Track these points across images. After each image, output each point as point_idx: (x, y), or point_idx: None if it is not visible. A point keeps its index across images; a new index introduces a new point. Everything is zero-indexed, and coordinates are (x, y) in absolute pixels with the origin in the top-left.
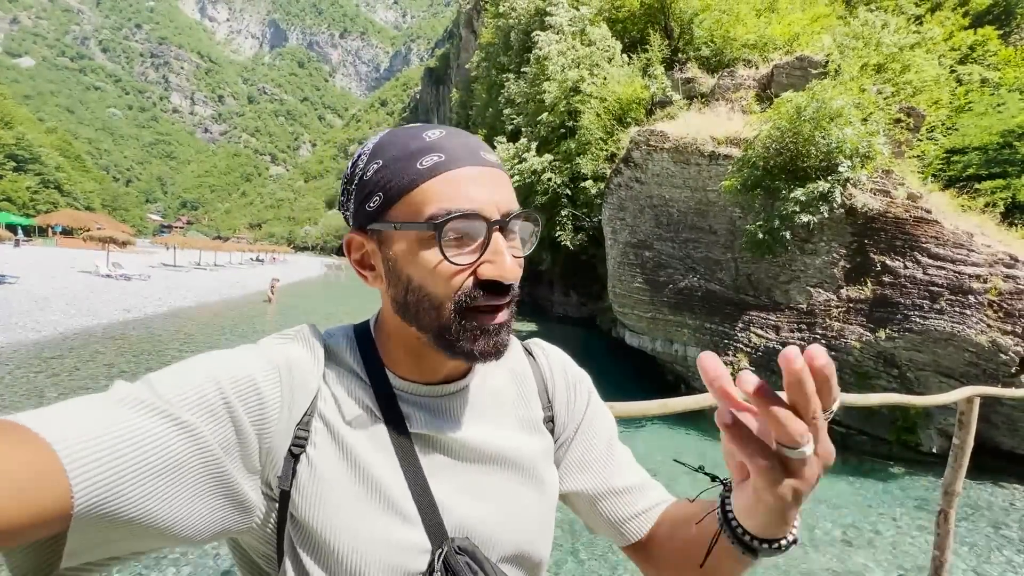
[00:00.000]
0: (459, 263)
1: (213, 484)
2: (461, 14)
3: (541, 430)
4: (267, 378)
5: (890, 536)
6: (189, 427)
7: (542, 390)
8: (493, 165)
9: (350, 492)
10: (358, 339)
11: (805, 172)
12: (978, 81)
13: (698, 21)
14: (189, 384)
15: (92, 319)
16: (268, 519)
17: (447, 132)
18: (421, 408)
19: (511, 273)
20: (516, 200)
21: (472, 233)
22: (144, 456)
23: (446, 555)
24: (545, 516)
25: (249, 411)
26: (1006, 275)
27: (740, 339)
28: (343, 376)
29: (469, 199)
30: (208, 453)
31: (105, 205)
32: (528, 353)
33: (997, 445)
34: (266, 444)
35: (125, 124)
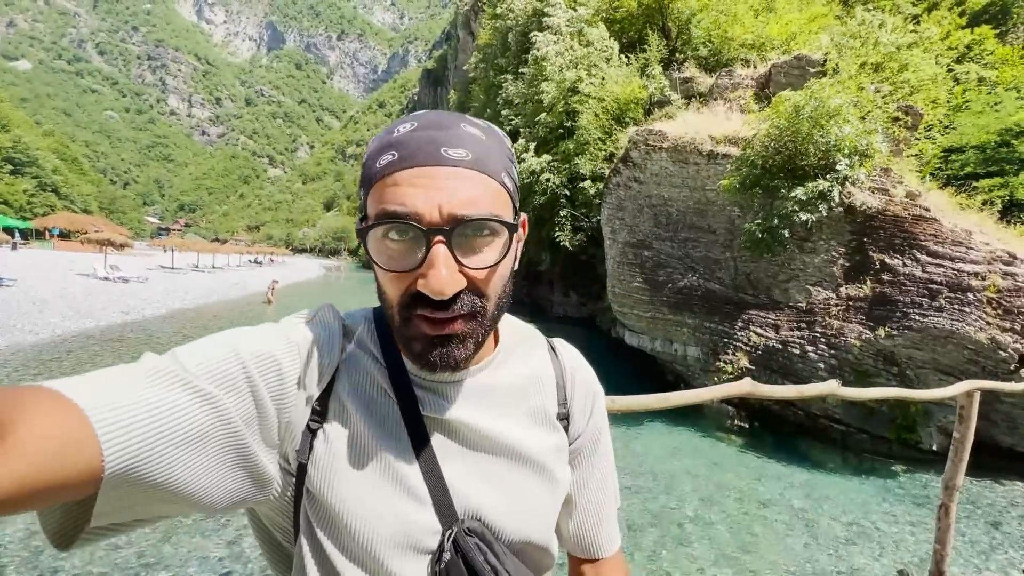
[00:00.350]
0: (396, 271)
1: (234, 455)
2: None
3: (556, 426)
4: (287, 355)
5: (891, 533)
6: (212, 399)
7: (560, 387)
8: (458, 163)
9: (363, 469)
10: (376, 322)
11: (804, 171)
12: (975, 80)
13: (696, 21)
14: (213, 358)
15: (90, 321)
16: (285, 492)
17: (418, 125)
18: (434, 393)
19: (439, 288)
20: (488, 201)
21: (414, 240)
22: (170, 425)
23: (456, 535)
24: (552, 510)
25: (269, 386)
26: (1004, 272)
27: (740, 338)
28: (360, 356)
29: (403, 202)
30: (230, 425)
31: (102, 208)
32: (552, 350)
33: (997, 443)
34: (285, 418)
35: (122, 127)
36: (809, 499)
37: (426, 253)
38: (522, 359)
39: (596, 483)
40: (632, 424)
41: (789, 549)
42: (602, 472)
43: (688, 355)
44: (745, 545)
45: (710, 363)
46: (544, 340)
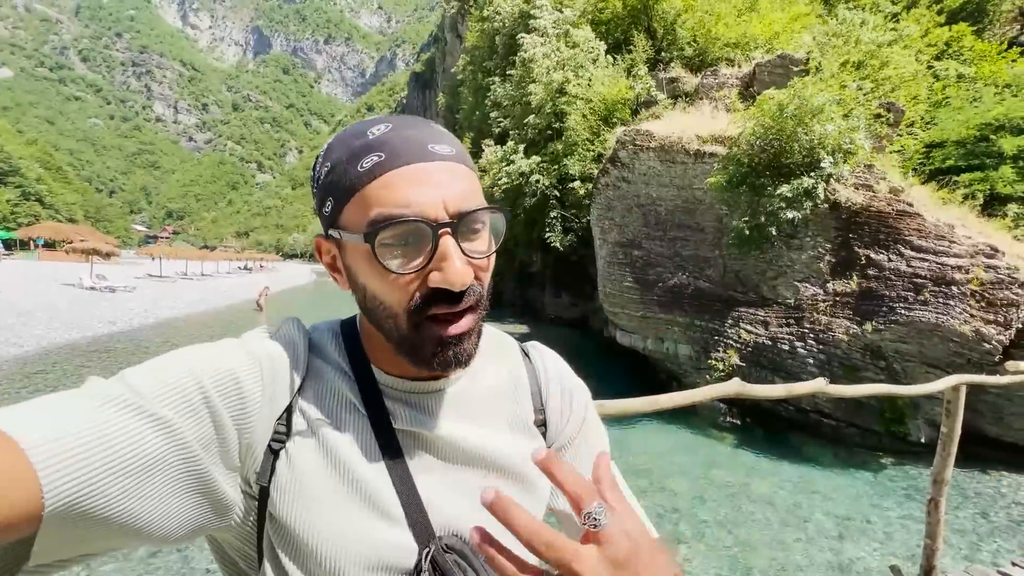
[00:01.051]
0: (404, 272)
1: (191, 481)
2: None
3: (534, 432)
4: (248, 372)
5: (882, 526)
6: (166, 423)
7: (535, 392)
8: (445, 158)
9: (331, 489)
10: (344, 334)
11: (789, 168)
12: (955, 76)
13: (681, 22)
14: (167, 379)
15: (76, 332)
16: (248, 517)
17: (393, 125)
18: (407, 404)
19: (459, 279)
20: (476, 193)
21: (417, 239)
22: (118, 454)
23: (434, 554)
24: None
25: (229, 406)
26: (987, 265)
27: (730, 335)
28: (327, 370)
29: (407, 203)
30: (186, 450)
31: (88, 217)
32: (525, 355)
33: (983, 433)
34: (246, 439)
35: (107, 134)
36: (802, 494)
37: (434, 249)
38: (497, 366)
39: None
40: (625, 424)
41: (783, 545)
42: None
43: (680, 353)
44: (740, 542)
45: (701, 361)
46: (517, 346)
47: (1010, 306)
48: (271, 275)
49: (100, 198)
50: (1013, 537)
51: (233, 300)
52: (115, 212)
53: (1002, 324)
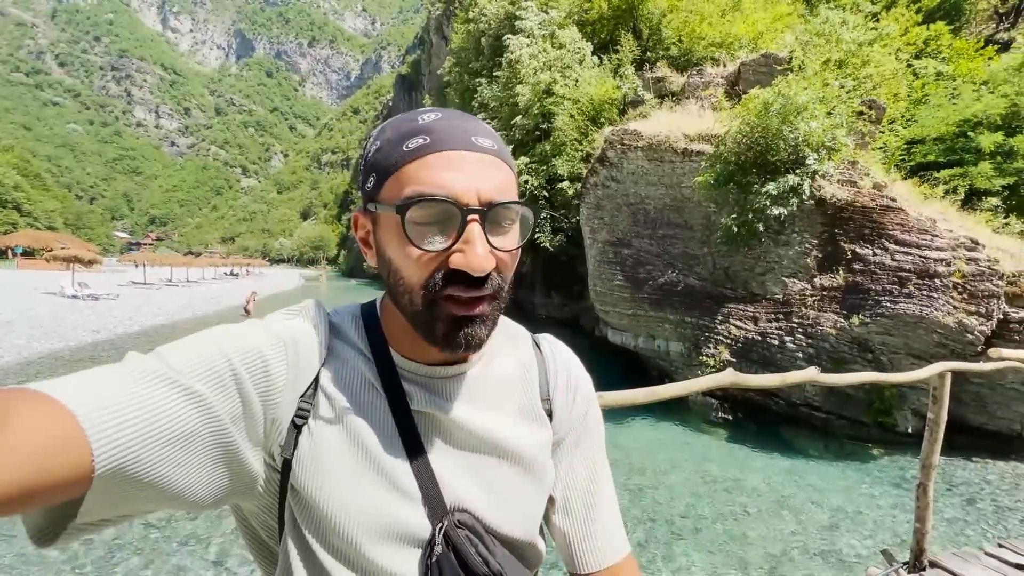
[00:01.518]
0: (427, 250)
1: (220, 453)
2: (430, 20)
3: (542, 419)
4: (273, 351)
5: (872, 515)
6: (200, 397)
7: (543, 382)
8: (486, 150)
9: (350, 464)
10: (364, 317)
11: (775, 166)
12: (933, 74)
13: (666, 22)
14: (200, 355)
15: (58, 342)
16: (270, 489)
17: (443, 115)
18: (423, 387)
19: (479, 264)
20: (511, 188)
21: (446, 219)
22: (158, 424)
23: (447, 528)
24: (538, 505)
25: (256, 383)
26: (968, 258)
27: (720, 331)
28: (347, 352)
29: (442, 184)
30: (216, 423)
31: (68, 224)
32: (536, 346)
33: (968, 422)
34: (271, 415)
35: (87, 140)
36: (794, 486)
37: (460, 232)
38: (510, 354)
39: (582, 475)
40: (619, 421)
41: (776, 536)
42: (590, 464)
43: (671, 350)
44: (733, 535)
45: (693, 357)
46: (529, 335)
47: (991, 297)
48: (258, 280)
49: (80, 205)
50: (999, 523)
51: (220, 306)
52: (96, 219)
53: (984, 315)
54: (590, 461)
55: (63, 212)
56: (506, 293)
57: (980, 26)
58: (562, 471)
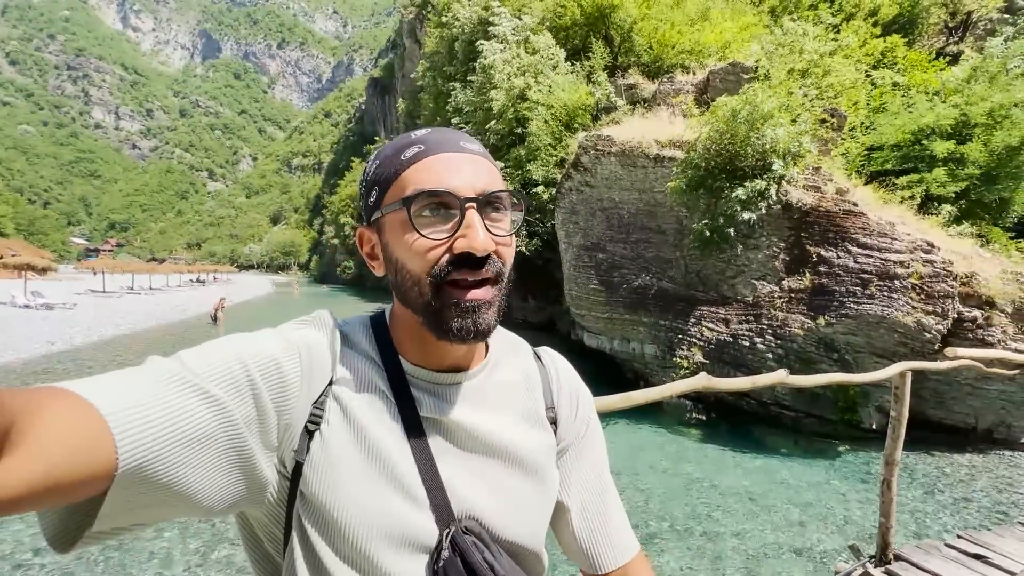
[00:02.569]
0: (432, 238)
1: (235, 457)
2: (403, 24)
3: (546, 426)
4: (288, 358)
5: (841, 510)
6: (218, 402)
7: (547, 391)
8: (474, 152)
9: (360, 469)
10: (373, 326)
11: (743, 171)
12: (890, 84)
13: (637, 29)
14: (218, 361)
15: (10, 354)
16: (279, 496)
17: (432, 129)
18: (431, 394)
19: (483, 245)
20: (499, 182)
21: (446, 210)
22: (179, 426)
23: (454, 534)
24: (544, 511)
25: (271, 389)
26: (925, 260)
27: (693, 334)
28: (358, 359)
29: (442, 180)
30: (232, 427)
31: (20, 230)
32: (537, 357)
33: (927, 417)
34: (284, 421)
35: (40, 142)
36: (765, 484)
37: (460, 219)
38: (512, 364)
39: (592, 480)
40: None
41: (750, 533)
42: (597, 469)
43: (646, 353)
44: (708, 532)
45: (667, 359)
46: (529, 347)
47: (946, 297)
48: (227, 287)
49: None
50: (957, 513)
51: (186, 314)
52: (51, 224)
53: (940, 315)
54: (598, 467)
55: (14, 217)
56: (507, 279)
57: (932, 39)
58: (574, 477)
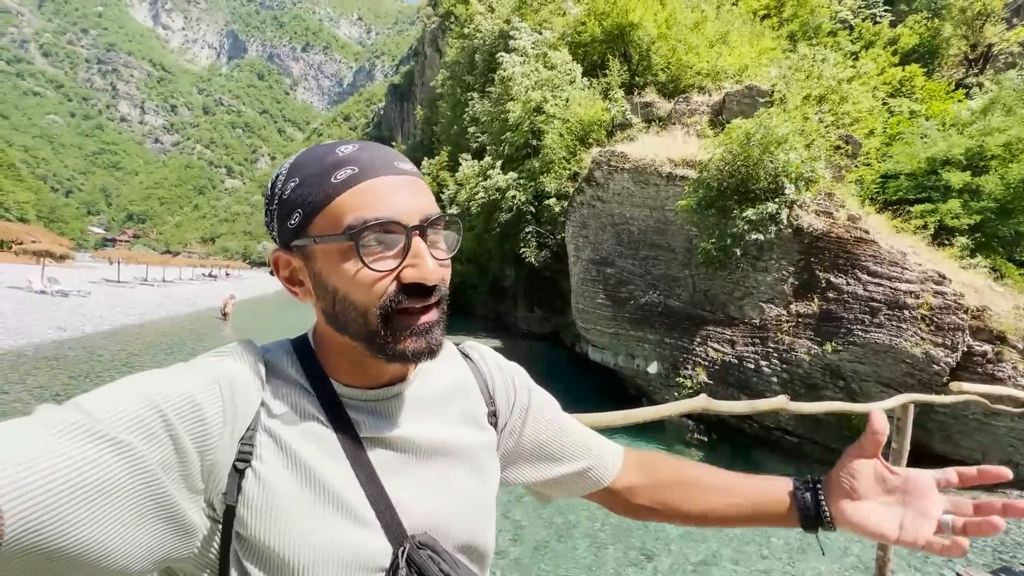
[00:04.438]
0: (380, 269)
1: (153, 506)
2: (426, 33)
3: (484, 426)
4: (206, 394)
5: (839, 541)
6: (125, 447)
7: (483, 387)
8: (409, 173)
9: (302, 502)
10: (297, 351)
11: (755, 194)
12: (907, 112)
13: (655, 49)
14: (123, 404)
15: (22, 338)
16: (210, 542)
17: (360, 146)
18: (368, 412)
19: (433, 275)
20: (435, 206)
21: (391, 240)
22: (78, 480)
23: (409, 551)
24: (489, 506)
25: (189, 429)
26: (936, 291)
27: (698, 353)
28: (286, 387)
29: (385, 207)
30: (147, 473)
31: (41, 217)
32: (465, 356)
33: (933, 451)
34: (208, 461)
35: (66, 132)
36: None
37: (406, 248)
38: (442, 368)
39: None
40: None
41: (746, 561)
42: (552, 417)
43: (649, 370)
44: (704, 559)
45: (671, 378)
46: (455, 348)
47: (956, 330)
48: (237, 283)
49: (55, 198)
50: None
51: (195, 308)
52: (71, 213)
53: (949, 347)
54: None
55: (36, 204)
56: (446, 300)
57: (951, 70)
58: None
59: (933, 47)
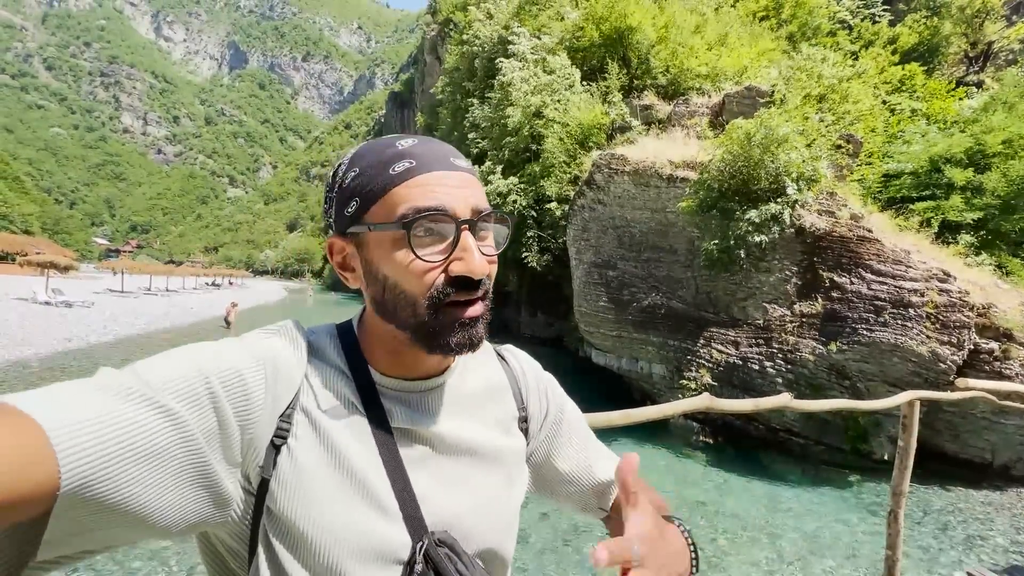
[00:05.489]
0: (430, 260)
1: (194, 474)
2: (425, 40)
3: (515, 431)
4: (252, 370)
5: (849, 542)
6: (174, 415)
7: (516, 392)
8: (463, 170)
9: (330, 483)
10: (341, 336)
11: (757, 194)
12: (908, 111)
13: (654, 52)
14: (176, 372)
15: (27, 349)
16: (244, 514)
17: (419, 140)
18: (401, 403)
19: (480, 269)
20: (486, 201)
21: (442, 232)
22: (129, 442)
23: (427, 547)
24: (513, 514)
25: (233, 402)
26: (940, 289)
27: (702, 355)
28: (326, 370)
29: (437, 200)
30: (191, 442)
31: (46, 228)
32: (500, 358)
33: (942, 450)
34: (248, 435)
35: (70, 144)
36: (771, 512)
37: (455, 241)
38: (479, 367)
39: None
40: (600, 439)
41: (754, 563)
42: (581, 436)
43: (653, 373)
44: (712, 561)
45: (675, 380)
46: (492, 349)
47: (962, 328)
48: (241, 291)
49: (59, 209)
50: (970, 550)
51: (199, 317)
52: (75, 224)
53: (955, 345)
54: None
55: (41, 216)
56: (490, 296)
57: (952, 68)
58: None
59: (933, 45)
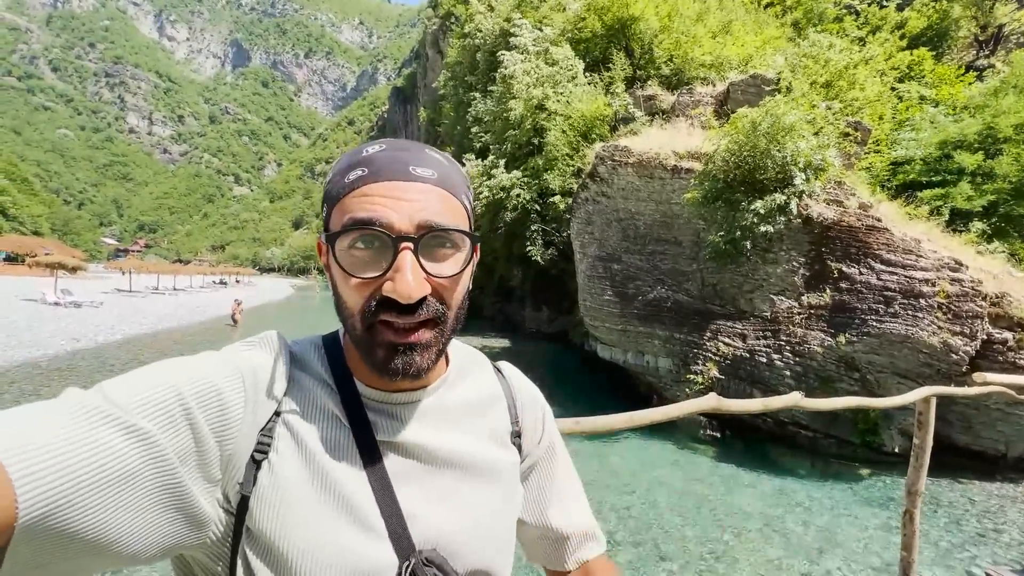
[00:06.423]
0: (361, 276)
1: (167, 496)
2: (427, 35)
3: (508, 445)
4: (230, 384)
5: (859, 537)
6: (144, 435)
7: (510, 405)
8: (424, 180)
9: (312, 500)
10: (326, 347)
11: (763, 184)
12: (917, 97)
13: (657, 42)
14: (146, 390)
15: (37, 350)
16: (222, 534)
17: (387, 146)
18: (388, 415)
19: (407, 292)
20: (452, 215)
21: (380, 248)
22: (96, 466)
23: (414, 567)
24: (510, 528)
25: (210, 418)
26: (952, 279)
27: (708, 348)
28: (309, 382)
29: (374, 212)
30: (164, 463)
31: (55, 230)
32: (497, 371)
33: (954, 442)
34: (227, 450)
35: (77, 145)
36: (781, 507)
37: (393, 259)
38: (473, 380)
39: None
40: (607, 439)
41: (763, 558)
42: (562, 481)
43: (660, 367)
44: (720, 556)
45: (681, 374)
46: (489, 362)
47: (975, 318)
48: (248, 289)
49: (68, 210)
50: (985, 545)
51: (206, 316)
52: (83, 225)
53: (968, 335)
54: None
55: (50, 217)
56: (453, 319)
57: (961, 52)
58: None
59: (942, 30)
